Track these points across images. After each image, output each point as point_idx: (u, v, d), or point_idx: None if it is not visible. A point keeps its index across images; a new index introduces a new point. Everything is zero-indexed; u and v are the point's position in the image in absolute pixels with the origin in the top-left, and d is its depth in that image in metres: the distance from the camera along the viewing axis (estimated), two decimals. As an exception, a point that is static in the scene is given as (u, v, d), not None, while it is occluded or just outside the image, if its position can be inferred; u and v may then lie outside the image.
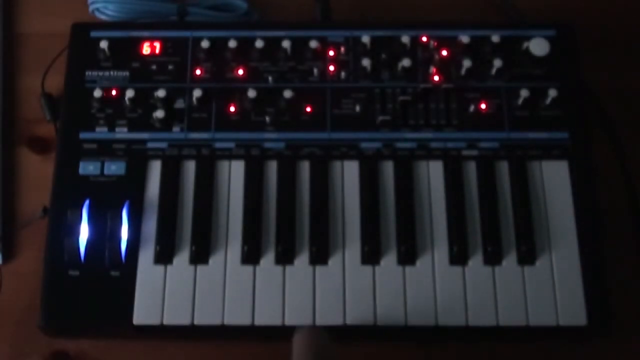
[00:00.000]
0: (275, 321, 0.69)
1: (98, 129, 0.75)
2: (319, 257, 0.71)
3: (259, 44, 0.77)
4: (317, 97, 0.76)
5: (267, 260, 0.71)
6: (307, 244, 0.71)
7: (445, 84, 0.76)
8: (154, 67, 0.77)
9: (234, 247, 0.71)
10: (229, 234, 0.72)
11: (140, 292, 0.69)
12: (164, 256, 0.71)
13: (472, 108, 0.76)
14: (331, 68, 0.77)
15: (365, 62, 0.77)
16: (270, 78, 0.77)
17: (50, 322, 0.69)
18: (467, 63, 0.76)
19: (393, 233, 0.72)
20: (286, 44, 0.77)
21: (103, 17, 0.84)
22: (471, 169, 0.74)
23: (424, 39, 0.78)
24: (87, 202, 0.72)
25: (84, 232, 0.71)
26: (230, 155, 0.74)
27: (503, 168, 0.74)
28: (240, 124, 0.75)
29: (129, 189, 0.73)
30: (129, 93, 0.75)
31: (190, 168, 0.74)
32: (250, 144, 0.75)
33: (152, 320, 0.69)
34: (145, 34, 0.79)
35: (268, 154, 0.74)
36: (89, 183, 0.73)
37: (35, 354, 0.73)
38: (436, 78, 0.77)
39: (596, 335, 0.70)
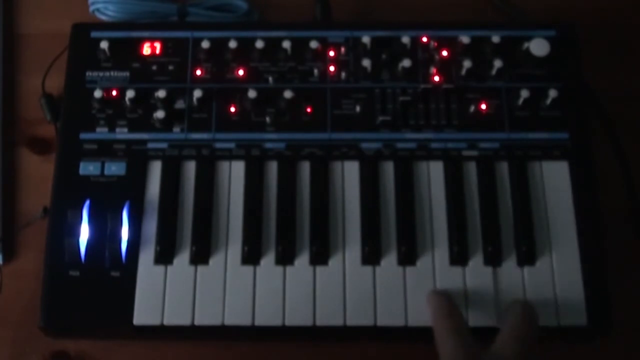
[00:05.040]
0: (276, 322, 0.69)
1: (98, 130, 0.75)
2: (319, 258, 0.71)
3: (259, 44, 0.77)
4: (318, 98, 0.76)
5: (268, 260, 0.71)
6: (307, 245, 0.71)
7: (446, 85, 0.76)
8: (154, 67, 0.77)
9: (234, 248, 0.71)
10: (229, 235, 0.72)
11: (141, 293, 0.69)
12: (164, 256, 0.71)
13: (472, 108, 0.76)
14: (331, 68, 0.77)
15: (366, 63, 0.77)
16: (270, 78, 0.77)
17: (51, 323, 0.69)
18: (467, 63, 0.76)
19: (393, 233, 0.72)
20: (286, 44, 0.77)
21: (103, 18, 0.84)
22: (471, 169, 0.74)
23: (424, 39, 0.78)
24: (87, 203, 0.72)
25: (84, 233, 0.71)
26: (230, 156, 0.74)
27: (503, 168, 0.74)
28: (240, 124, 0.75)
29: (129, 189, 0.73)
30: (130, 93, 0.75)
31: (190, 168, 0.74)
32: (250, 144, 0.75)
33: (153, 320, 0.69)
34: (146, 34, 0.79)
35: (268, 154, 0.74)
36: (89, 183, 0.73)
37: (35, 354, 0.73)
38: (436, 78, 0.77)
39: (596, 335, 0.70)
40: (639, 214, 0.78)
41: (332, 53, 0.78)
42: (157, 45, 0.78)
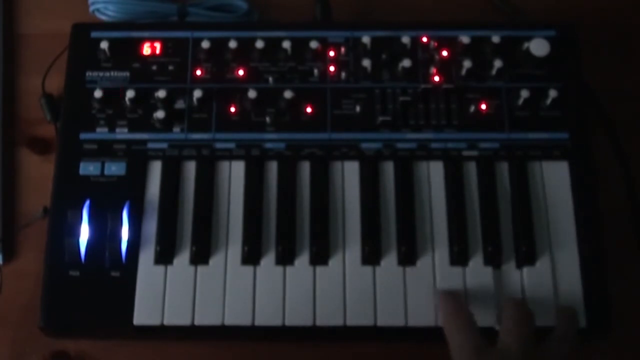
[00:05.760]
0: (276, 322, 0.69)
1: (98, 130, 0.75)
2: (319, 258, 0.71)
3: (259, 44, 0.77)
4: (318, 98, 0.76)
5: (268, 260, 0.71)
6: (307, 245, 0.71)
7: (446, 85, 0.76)
8: (154, 67, 0.77)
9: (235, 248, 0.71)
10: (230, 235, 0.72)
11: (141, 293, 0.69)
12: (164, 257, 0.71)
13: (472, 108, 0.76)
14: (331, 68, 0.77)
15: (366, 63, 0.77)
16: (270, 78, 0.77)
17: (51, 323, 0.69)
18: (467, 63, 0.76)
19: (393, 233, 0.72)
20: (286, 44, 0.77)
21: (103, 18, 0.84)
22: (471, 169, 0.74)
23: (424, 39, 0.78)
24: (87, 203, 0.72)
25: (85, 233, 0.71)
26: (230, 156, 0.74)
27: (503, 168, 0.74)
28: (240, 124, 0.75)
29: (130, 190, 0.73)
30: (130, 93, 0.75)
31: (190, 168, 0.74)
32: (250, 144, 0.75)
33: (153, 320, 0.69)
34: (146, 34, 0.79)
35: (268, 154, 0.74)
36: (89, 183, 0.73)
37: (36, 354, 0.73)
38: (436, 78, 0.77)
39: (596, 336, 0.70)
40: (639, 214, 0.78)
41: (332, 53, 0.78)
42: (157, 45, 0.78)
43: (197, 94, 0.75)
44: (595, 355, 0.71)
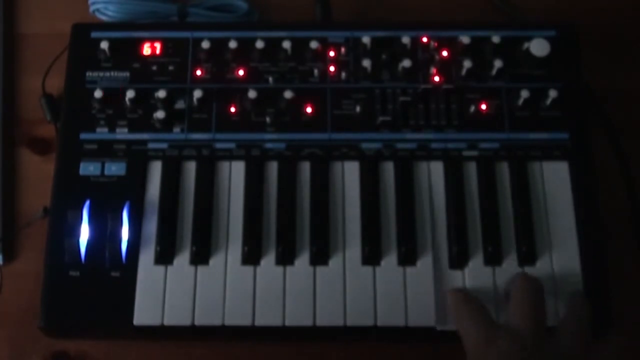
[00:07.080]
0: (276, 322, 0.69)
1: (98, 130, 0.75)
2: (320, 258, 0.71)
3: (260, 44, 0.77)
4: (318, 98, 0.76)
5: (268, 260, 0.71)
6: (307, 245, 0.71)
7: (446, 85, 0.76)
8: (154, 67, 0.77)
9: (235, 248, 0.71)
10: (230, 235, 0.72)
11: (141, 293, 0.69)
12: (164, 257, 0.71)
13: (472, 109, 0.76)
14: (331, 68, 0.77)
15: (366, 63, 0.77)
16: (270, 78, 0.77)
17: (51, 323, 0.69)
18: (467, 64, 0.76)
19: (393, 234, 0.72)
20: (287, 44, 0.77)
21: (104, 18, 0.84)
22: (471, 169, 0.74)
23: (425, 39, 0.78)
24: (87, 203, 0.72)
25: (85, 233, 0.71)
26: (230, 156, 0.74)
27: (503, 169, 0.74)
28: (240, 124, 0.75)
29: (130, 190, 0.73)
30: (130, 94, 0.75)
31: (190, 169, 0.74)
32: (250, 144, 0.75)
33: (153, 320, 0.69)
34: (146, 34, 0.79)
35: (268, 154, 0.74)
36: (89, 183, 0.73)
37: (36, 354, 0.73)
38: (436, 79, 0.77)
39: (596, 336, 0.70)
40: (639, 214, 0.78)
41: (332, 53, 0.78)
42: (157, 45, 0.78)
43: (197, 94, 0.75)
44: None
